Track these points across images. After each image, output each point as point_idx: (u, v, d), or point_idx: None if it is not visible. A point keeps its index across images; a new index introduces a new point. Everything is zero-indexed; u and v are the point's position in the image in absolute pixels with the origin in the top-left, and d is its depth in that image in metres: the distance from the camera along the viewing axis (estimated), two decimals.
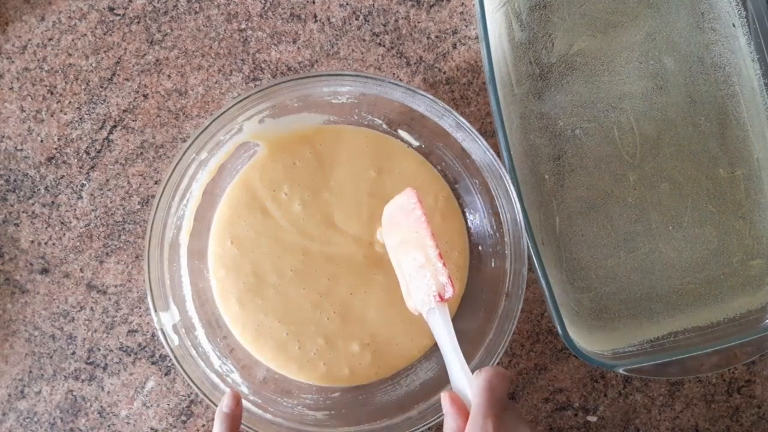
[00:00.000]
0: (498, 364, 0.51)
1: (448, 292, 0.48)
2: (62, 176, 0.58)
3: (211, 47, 0.59)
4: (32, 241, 0.58)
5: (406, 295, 0.52)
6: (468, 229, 0.57)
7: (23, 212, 0.58)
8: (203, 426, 0.58)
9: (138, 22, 0.59)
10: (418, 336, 0.56)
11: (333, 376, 0.55)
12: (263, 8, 0.59)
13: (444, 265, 0.49)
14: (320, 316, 0.55)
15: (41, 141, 0.58)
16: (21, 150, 0.58)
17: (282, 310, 0.55)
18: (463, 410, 0.45)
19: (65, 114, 0.59)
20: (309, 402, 0.55)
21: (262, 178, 0.56)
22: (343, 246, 0.56)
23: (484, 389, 0.44)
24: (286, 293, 0.55)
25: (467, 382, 0.46)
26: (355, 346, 0.55)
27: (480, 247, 0.57)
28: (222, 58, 0.59)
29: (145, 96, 0.59)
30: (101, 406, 0.58)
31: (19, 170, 0.58)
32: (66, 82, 0.59)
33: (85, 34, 0.59)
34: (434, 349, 0.56)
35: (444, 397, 0.46)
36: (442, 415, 0.47)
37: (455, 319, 0.57)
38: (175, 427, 0.58)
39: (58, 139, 0.58)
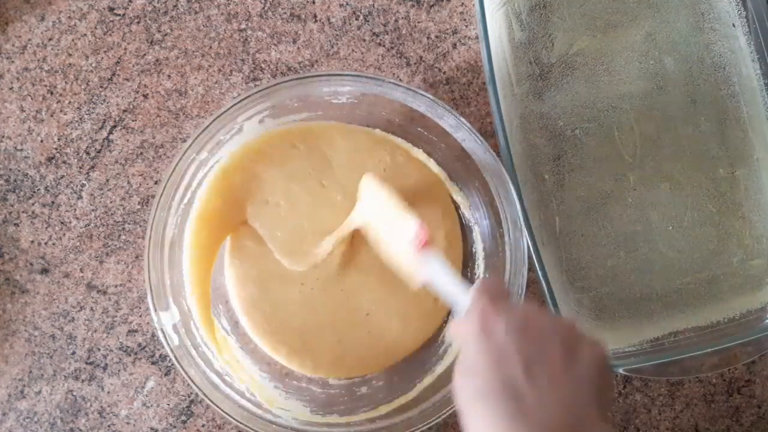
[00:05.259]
0: None
1: (421, 236, 0.47)
2: (62, 176, 0.58)
3: (211, 47, 0.59)
4: (32, 241, 0.58)
5: (402, 272, 0.51)
6: (468, 228, 0.57)
7: (23, 212, 0.58)
8: (203, 426, 0.58)
9: (138, 22, 0.59)
10: (416, 330, 0.55)
11: (333, 369, 0.55)
12: (263, 8, 0.59)
13: (411, 215, 0.48)
14: (317, 310, 0.55)
15: (41, 141, 0.58)
16: (21, 150, 0.58)
17: (282, 311, 0.55)
18: None
19: (65, 114, 0.59)
20: (308, 399, 0.55)
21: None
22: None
23: (477, 285, 0.43)
24: (288, 294, 0.55)
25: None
26: (353, 340, 0.55)
27: (480, 247, 0.57)
28: (222, 58, 0.59)
29: (145, 96, 0.59)
30: (101, 406, 0.58)
31: (19, 170, 0.58)
32: (66, 82, 0.59)
33: (85, 34, 0.59)
34: (431, 346, 0.56)
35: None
36: (443, 414, 0.47)
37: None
38: (175, 427, 0.58)
39: (58, 139, 0.58)
